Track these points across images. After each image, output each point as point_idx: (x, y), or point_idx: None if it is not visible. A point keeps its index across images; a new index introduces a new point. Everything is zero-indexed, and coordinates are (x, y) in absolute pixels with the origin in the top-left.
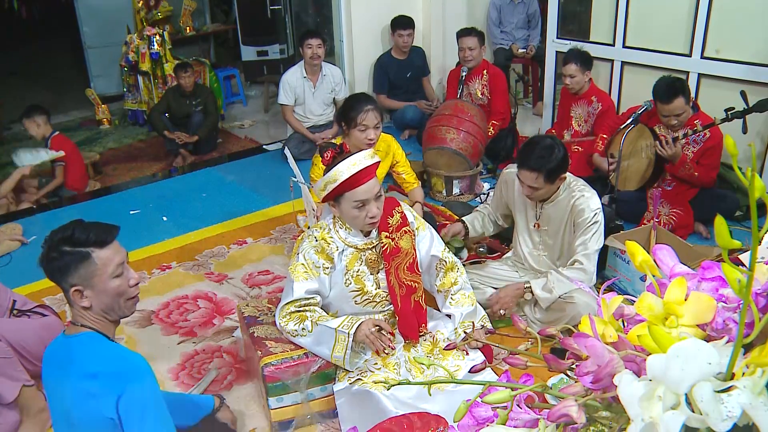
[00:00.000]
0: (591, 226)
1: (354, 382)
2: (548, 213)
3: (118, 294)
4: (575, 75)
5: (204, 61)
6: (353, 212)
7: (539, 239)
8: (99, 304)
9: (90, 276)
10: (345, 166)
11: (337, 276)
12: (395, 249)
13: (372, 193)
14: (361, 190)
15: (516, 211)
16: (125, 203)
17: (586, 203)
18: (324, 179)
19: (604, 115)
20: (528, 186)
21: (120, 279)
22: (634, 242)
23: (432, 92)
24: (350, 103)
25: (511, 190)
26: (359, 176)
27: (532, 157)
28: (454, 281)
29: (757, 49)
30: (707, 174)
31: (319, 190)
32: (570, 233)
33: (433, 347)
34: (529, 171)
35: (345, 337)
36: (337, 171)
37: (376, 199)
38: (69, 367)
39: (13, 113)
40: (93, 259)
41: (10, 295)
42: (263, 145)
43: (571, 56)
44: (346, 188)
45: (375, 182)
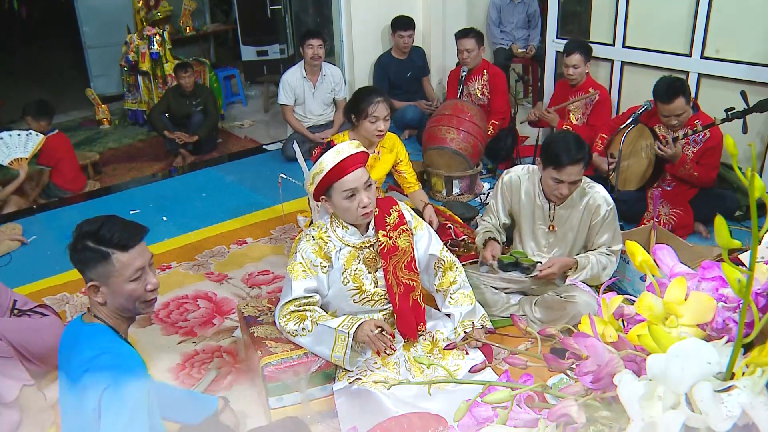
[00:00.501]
0: (610, 222)
1: (353, 381)
2: (561, 214)
3: (132, 297)
4: (578, 65)
5: (204, 61)
6: (344, 203)
7: (548, 241)
8: (113, 303)
9: (107, 276)
10: (330, 156)
11: (335, 275)
12: (393, 247)
13: (360, 182)
14: (348, 178)
15: (521, 215)
16: (125, 203)
17: (601, 198)
18: (311, 172)
19: (600, 105)
20: (570, 183)
21: (137, 283)
22: (634, 242)
23: (432, 92)
24: (360, 95)
25: (516, 195)
26: (345, 164)
27: (572, 151)
28: (453, 280)
29: (757, 49)
30: (707, 174)
31: (309, 185)
32: (585, 231)
33: (433, 347)
34: (574, 165)
35: (345, 336)
36: (322, 161)
37: (366, 188)
38: (71, 353)
39: (13, 113)
40: (112, 261)
41: (10, 294)
42: (263, 145)
43: (574, 46)
44: (334, 178)
45: (363, 171)
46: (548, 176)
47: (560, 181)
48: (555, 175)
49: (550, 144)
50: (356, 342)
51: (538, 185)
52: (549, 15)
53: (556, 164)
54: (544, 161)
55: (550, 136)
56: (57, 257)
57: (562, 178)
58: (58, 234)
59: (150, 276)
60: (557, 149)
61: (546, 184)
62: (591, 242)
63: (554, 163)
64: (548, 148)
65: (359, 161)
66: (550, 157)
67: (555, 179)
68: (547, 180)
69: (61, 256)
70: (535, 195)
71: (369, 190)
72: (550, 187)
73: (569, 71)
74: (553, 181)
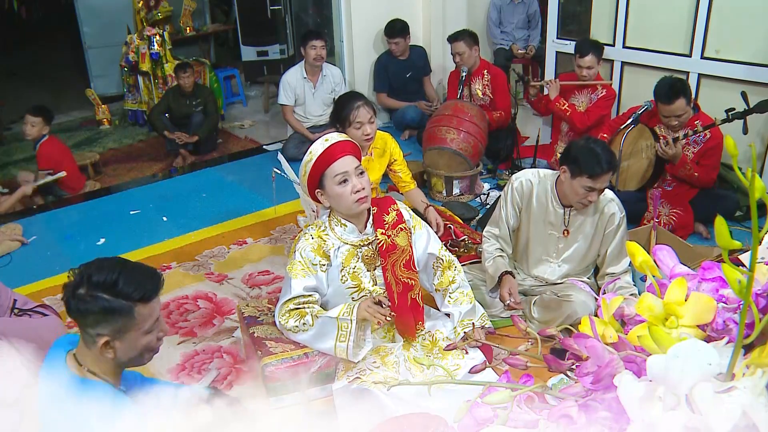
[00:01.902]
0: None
1: (353, 380)
2: (576, 220)
3: (147, 348)
4: (592, 66)
5: (204, 61)
6: (337, 189)
7: (558, 247)
8: (123, 356)
9: (125, 330)
10: (318, 144)
11: (333, 273)
12: (391, 246)
13: (351, 167)
14: (338, 164)
15: (531, 221)
16: (125, 203)
17: (615, 207)
18: (302, 163)
19: (603, 100)
20: (600, 189)
21: (152, 334)
22: (634, 243)
23: (432, 92)
24: (341, 103)
25: (528, 200)
26: (333, 150)
27: (605, 158)
28: (452, 279)
29: (757, 50)
30: (707, 174)
31: (302, 176)
32: (599, 238)
33: (433, 346)
34: (609, 172)
35: (348, 324)
36: (311, 150)
37: (359, 175)
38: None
39: (13, 113)
40: (133, 314)
41: (10, 294)
42: (263, 146)
43: (588, 48)
44: (324, 165)
45: (353, 159)
46: (579, 185)
47: (592, 190)
48: (589, 184)
49: (580, 153)
50: (358, 322)
51: (551, 190)
52: (549, 15)
53: (591, 173)
54: (576, 170)
55: (575, 144)
56: (57, 257)
57: (596, 186)
58: (58, 234)
59: (162, 323)
60: (591, 158)
61: (574, 192)
62: (600, 251)
63: (589, 173)
64: (579, 157)
65: (348, 149)
66: (583, 166)
67: (587, 188)
68: (577, 189)
69: (61, 256)
70: (548, 200)
71: (362, 177)
72: (579, 195)
73: (583, 72)
74: (585, 190)
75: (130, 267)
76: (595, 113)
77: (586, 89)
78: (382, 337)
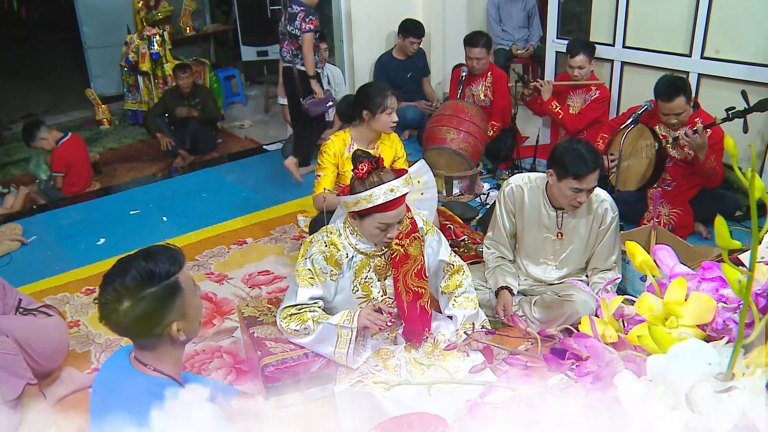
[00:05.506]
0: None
1: (355, 384)
2: (569, 222)
3: (198, 312)
4: (583, 66)
5: (204, 61)
6: (374, 231)
7: (555, 249)
8: (188, 334)
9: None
10: (382, 191)
11: (344, 282)
12: (404, 256)
13: (399, 218)
14: (390, 214)
15: (525, 225)
16: (125, 203)
17: (608, 205)
18: (357, 197)
19: (596, 102)
20: (589, 189)
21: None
22: (634, 242)
23: (432, 93)
24: (371, 91)
25: (519, 204)
26: (393, 202)
27: (589, 158)
28: (459, 284)
29: (757, 49)
30: (721, 171)
31: (349, 204)
32: (594, 238)
33: (434, 348)
34: (595, 171)
35: (348, 332)
36: (373, 194)
37: (399, 223)
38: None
39: (13, 113)
40: (181, 285)
41: (16, 293)
42: (263, 145)
43: (578, 47)
44: (377, 211)
45: (404, 207)
46: (566, 187)
47: (580, 190)
48: (575, 185)
49: (564, 155)
50: (358, 330)
51: (543, 194)
52: (549, 15)
53: (576, 174)
54: (561, 173)
55: (559, 147)
56: (57, 257)
57: (583, 186)
58: (58, 234)
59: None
60: (575, 159)
61: (563, 195)
62: (594, 249)
63: (574, 174)
64: (563, 159)
65: (403, 200)
66: (568, 167)
67: (575, 189)
68: (565, 191)
69: (61, 256)
70: (540, 204)
71: (399, 225)
72: (567, 197)
73: (574, 72)
74: (573, 191)
75: (145, 253)
76: (587, 116)
77: (580, 90)
78: (384, 338)
